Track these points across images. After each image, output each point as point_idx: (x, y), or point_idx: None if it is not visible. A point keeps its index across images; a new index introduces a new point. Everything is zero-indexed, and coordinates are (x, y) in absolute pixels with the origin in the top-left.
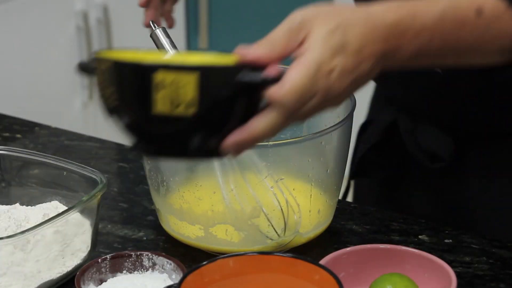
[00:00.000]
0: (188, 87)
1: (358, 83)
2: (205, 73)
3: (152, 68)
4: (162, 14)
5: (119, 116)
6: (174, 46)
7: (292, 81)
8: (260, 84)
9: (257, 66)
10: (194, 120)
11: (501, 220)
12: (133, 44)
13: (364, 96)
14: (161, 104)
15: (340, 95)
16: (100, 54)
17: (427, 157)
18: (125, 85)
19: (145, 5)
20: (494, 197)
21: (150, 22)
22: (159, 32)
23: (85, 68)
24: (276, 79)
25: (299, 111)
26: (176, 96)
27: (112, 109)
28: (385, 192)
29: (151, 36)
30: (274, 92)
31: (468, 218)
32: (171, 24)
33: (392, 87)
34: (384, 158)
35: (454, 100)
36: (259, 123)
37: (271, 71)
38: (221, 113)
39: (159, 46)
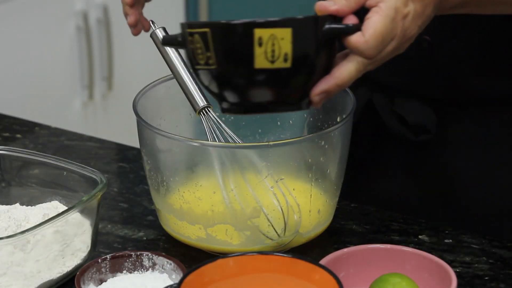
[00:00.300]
0: (284, 41)
1: (422, 26)
2: (298, 25)
3: (252, 26)
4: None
5: (217, 80)
6: None
7: (372, 28)
8: (344, 31)
9: (337, 17)
10: (289, 72)
11: (484, 193)
12: (133, 44)
13: None
14: (260, 59)
15: (411, 37)
16: (191, 24)
17: (411, 130)
18: (226, 47)
19: (132, 4)
20: (478, 168)
21: (150, 22)
22: (159, 32)
23: (171, 41)
24: (358, 27)
25: (378, 56)
26: (274, 50)
27: (209, 75)
28: (356, 177)
29: (151, 36)
30: (356, 40)
31: (450, 193)
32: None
33: None
34: (358, 141)
35: (438, 67)
36: (343, 70)
37: (351, 20)
38: (311, 63)
39: (159, 46)
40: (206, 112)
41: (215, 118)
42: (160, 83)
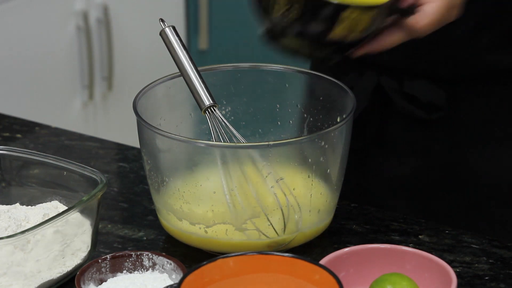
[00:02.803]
0: (364, 20)
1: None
2: (379, 9)
3: (344, 6)
4: None
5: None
6: (182, 44)
7: (432, 15)
8: (405, 13)
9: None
10: (357, 40)
11: (496, 169)
12: (133, 44)
13: None
14: (339, 30)
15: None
16: None
17: (422, 109)
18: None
19: None
20: (488, 144)
21: (160, 20)
22: (168, 31)
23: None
24: (414, 9)
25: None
26: (353, 26)
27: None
28: (366, 162)
29: (160, 34)
30: (416, 22)
31: (462, 172)
32: None
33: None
34: (366, 126)
35: (449, 45)
36: (389, 39)
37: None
38: (372, 33)
39: (167, 44)
40: (212, 111)
41: (220, 117)
42: (160, 83)
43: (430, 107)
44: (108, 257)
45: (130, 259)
